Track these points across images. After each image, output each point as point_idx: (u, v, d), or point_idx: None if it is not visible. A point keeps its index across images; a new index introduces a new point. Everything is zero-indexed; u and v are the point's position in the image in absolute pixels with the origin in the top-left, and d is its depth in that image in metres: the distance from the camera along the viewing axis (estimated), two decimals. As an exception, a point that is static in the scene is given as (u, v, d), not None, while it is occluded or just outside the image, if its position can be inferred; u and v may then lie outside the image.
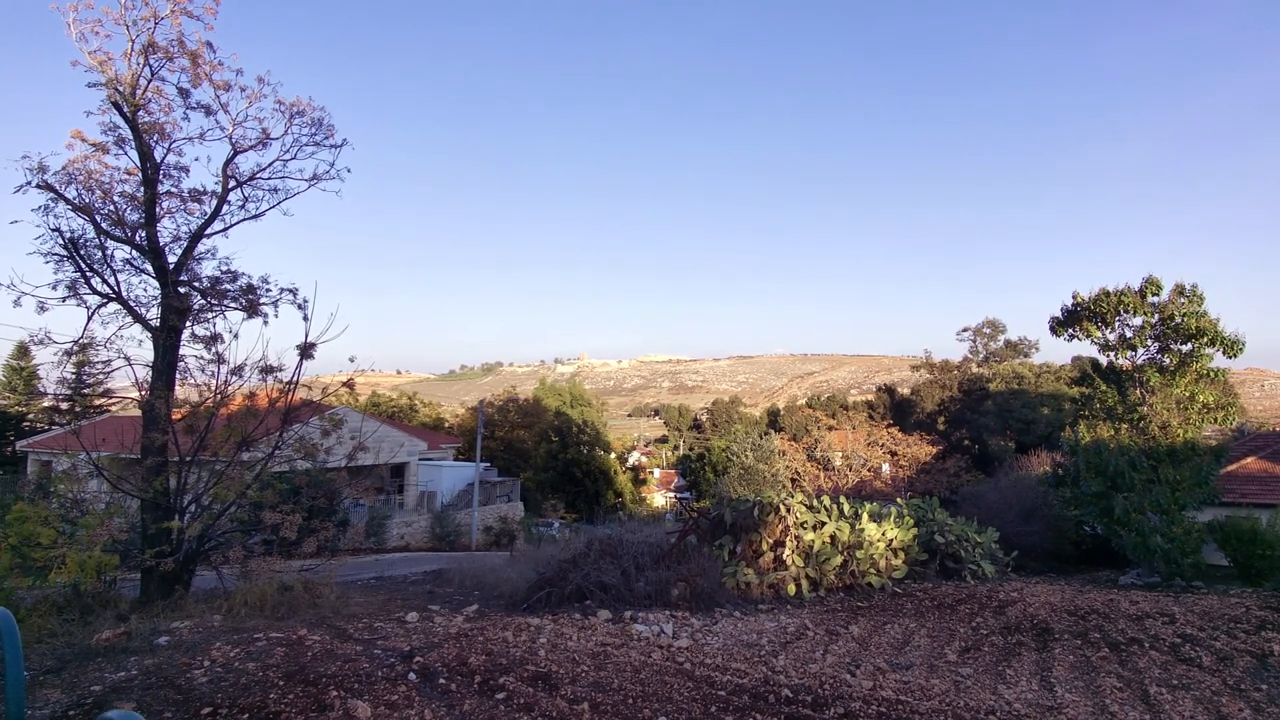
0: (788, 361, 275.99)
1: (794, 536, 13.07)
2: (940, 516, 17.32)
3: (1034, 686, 6.93)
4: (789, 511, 13.20)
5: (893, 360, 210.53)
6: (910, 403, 59.32)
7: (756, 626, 9.70)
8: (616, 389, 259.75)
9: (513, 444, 55.58)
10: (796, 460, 37.28)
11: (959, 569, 16.17)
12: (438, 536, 29.55)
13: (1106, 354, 21.48)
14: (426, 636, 8.37)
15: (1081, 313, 21.55)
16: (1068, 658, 8.19)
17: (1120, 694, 6.67)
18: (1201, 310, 19.84)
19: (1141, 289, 20.55)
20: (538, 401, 58.42)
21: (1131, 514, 18.90)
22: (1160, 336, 20.35)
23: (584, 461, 49.31)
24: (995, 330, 62.92)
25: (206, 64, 11.52)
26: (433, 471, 34.66)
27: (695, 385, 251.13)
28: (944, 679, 7.12)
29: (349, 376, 12.35)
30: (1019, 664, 7.87)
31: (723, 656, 7.88)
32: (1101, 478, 19.97)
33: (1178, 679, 7.22)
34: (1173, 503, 18.60)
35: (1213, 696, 6.61)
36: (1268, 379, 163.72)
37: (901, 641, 8.98)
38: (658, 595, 11.27)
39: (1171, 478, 18.84)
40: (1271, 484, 23.72)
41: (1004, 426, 48.33)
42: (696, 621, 9.86)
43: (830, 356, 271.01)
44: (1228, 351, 19.66)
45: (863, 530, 13.98)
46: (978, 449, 48.18)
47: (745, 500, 13.78)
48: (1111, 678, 7.26)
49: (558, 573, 11.67)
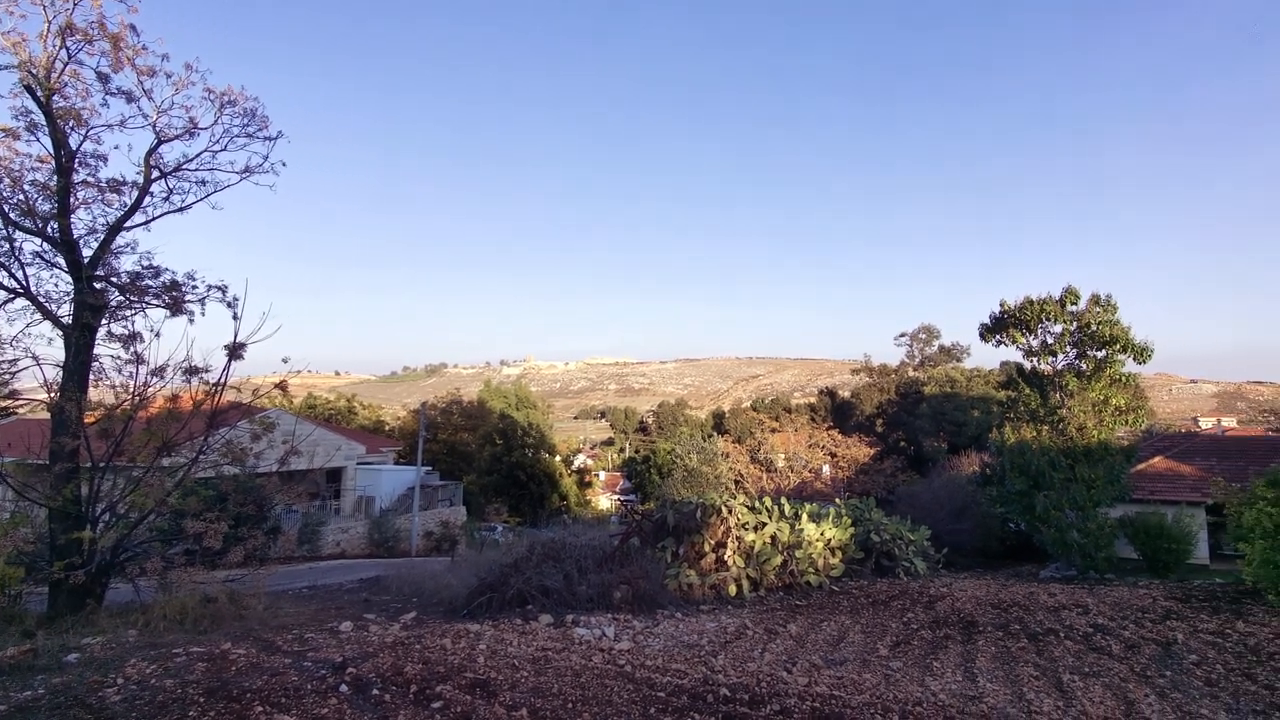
0: (733, 364, 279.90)
1: (736, 537, 13.27)
2: (876, 516, 17.90)
3: (958, 677, 7.23)
4: (731, 513, 13.40)
5: (835, 364, 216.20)
6: (850, 405, 61.05)
7: (697, 627, 9.80)
8: (563, 391, 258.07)
9: (456, 447, 54.52)
10: (740, 462, 37.86)
11: (893, 566, 16.74)
12: (376, 542, 28.71)
13: (1030, 359, 22.62)
14: (361, 646, 8.13)
15: (1008, 320, 22.66)
16: (990, 649, 8.58)
17: (1036, 682, 7.04)
18: (1115, 319, 21.15)
19: (1062, 298, 21.75)
20: (482, 404, 57.49)
21: (1051, 511, 19.96)
22: (1078, 343, 21.58)
23: (529, 464, 48.79)
24: (930, 335, 65.42)
25: (129, 48, 10.91)
26: (372, 476, 33.67)
27: (642, 388, 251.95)
28: (875, 673, 7.36)
29: (282, 378, 11.86)
30: (945, 656, 8.20)
31: (663, 658, 7.93)
32: (1025, 477, 21.02)
33: (1089, 667, 7.66)
34: (1088, 500, 19.72)
35: (1121, 683, 7.04)
36: (1175, 383, 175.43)
37: (837, 638, 9.23)
38: (600, 598, 11.26)
39: (1087, 476, 19.97)
40: (1176, 482, 25.41)
41: (937, 428, 50.28)
42: (638, 623, 9.89)
43: (775, 360, 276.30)
44: (1138, 358, 21.02)
45: (802, 530, 14.32)
46: (913, 450, 49.95)
47: (688, 502, 13.91)
48: (1029, 667, 7.65)
49: (499, 577, 11.52)
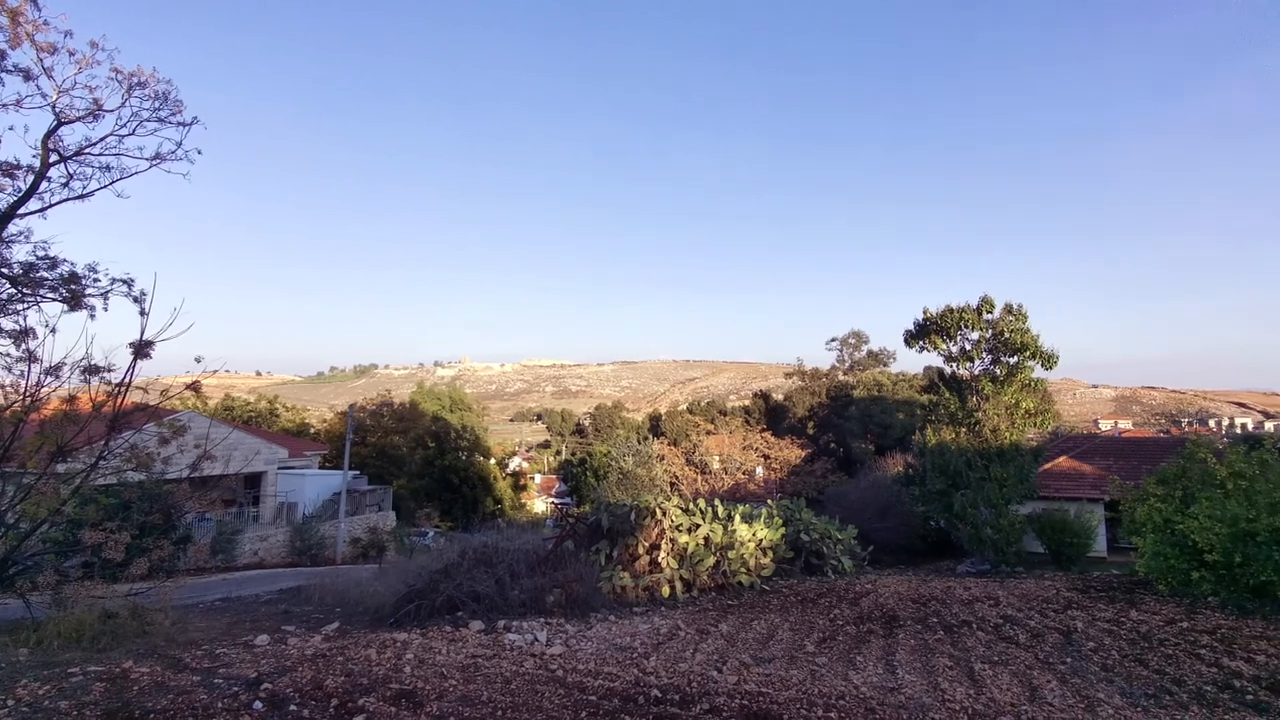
0: (671, 367, 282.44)
1: (669, 539, 13.38)
2: (806, 516, 18.41)
3: (879, 670, 7.51)
4: (665, 515, 13.50)
5: (769, 367, 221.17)
6: (783, 408, 62.61)
7: (630, 629, 9.82)
8: (499, 393, 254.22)
9: (386, 450, 52.84)
10: (676, 464, 38.23)
11: (822, 565, 17.24)
12: (298, 551, 27.47)
13: (950, 365, 23.81)
14: (278, 660, 7.77)
15: (930, 327, 23.79)
16: (910, 642, 8.96)
17: (950, 672, 7.39)
18: (1025, 327, 22.51)
19: (979, 307, 22.99)
20: (414, 406, 55.95)
21: (968, 509, 21.05)
22: (993, 350, 22.86)
23: (462, 468, 47.76)
24: (859, 341, 67.86)
25: (28, 23, 10.09)
26: (294, 481, 32.21)
27: (579, 390, 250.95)
28: (802, 669, 7.56)
29: (195, 378, 11.17)
30: (868, 650, 8.51)
31: (595, 661, 7.91)
32: (944, 477, 22.10)
33: (998, 655, 8.10)
34: (1000, 498, 20.90)
35: (1026, 670, 7.47)
36: (1078, 388, 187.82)
37: (766, 636, 9.43)
38: (533, 603, 11.14)
39: (1000, 476, 21.16)
40: (1079, 480, 27.24)
41: (865, 430, 52.18)
42: (571, 627, 9.83)
43: (711, 363, 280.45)
44: (1045, 364, 22.45)
45: (735, 532, 14.56)
46: (842, 452, 51.65)
47: (623, 505, 13.94)
48: (944, 658, 8.03)
49: (428, 584, 11.22)
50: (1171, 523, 12.50)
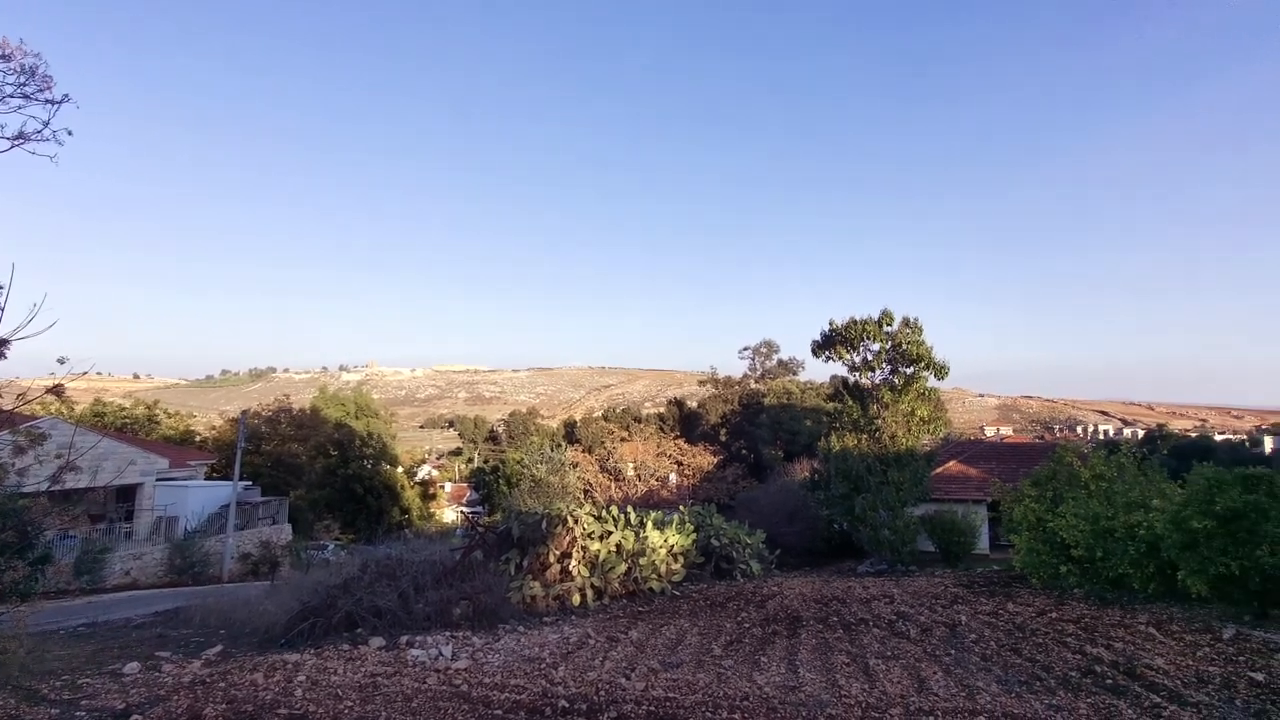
0: (586, 374, 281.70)
1: (581, 547, 13.30)
2: (717, 522, 18.78)
3: (783, 670, 7.75)
4: (577, 523, 13.42)
5: (684, 375, 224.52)
6: (697, 415, 63.74)
7: (540, 640, 9.67)
8: (409, 399, 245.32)
9: (283, 459, 49.75)
10: (589, 471, 38.12)
11: (731, 569, 17.63)
12: (179, 569, 25.32)
13: (853, 374, 24.98)
14: (150, 689, 7.15)
15: (835, 338, 24.89)
16: (811, 641, 9.29)
17: (848, 668, 7.72)
18: (921, 339, 23.96)
19: (879, 320, 24.27)
20: (316, 412, 53.01)
21: (868, 512, 22.12)
22: (892, 360, 24.18)
23: (367, 477, 45.59)
24: (770, 350, 70.08)
25: None
26: (175, 493, 29.71)
27: (493, 396, 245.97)
28: (709, 672, 7.68)
29: (58, 381, 10.12)
30: (772, 651, 8.76)
31: (502, 674, 7.74)
32: (847, 481, 23.14)
33: (891, 651, 8.54)
34: (897, 501, 22.10)
35: (915, 663, 7.90)
36: (967, 397, 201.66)
37: (675, 641, 9.53)
38: (439, 616, 10.78)
39: (897, 480, 22.38)
40: (967, 483, 29.22)
41: (775, 437, 53.89)
42: (478, 640, 9.57)
43: (627, 370, 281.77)
44: (938, 374, 23.96)
45: (647, 538, 14.65)
46: (753, 458, 53.09)
47: (534, 513, 13.75)
48: (843, 655, 8.38)
49: (325, 600, 10.63)
50: (1043, 521, 13.60)
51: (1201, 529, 9.85)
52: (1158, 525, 10.97)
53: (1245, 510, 9.61)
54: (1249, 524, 9.47)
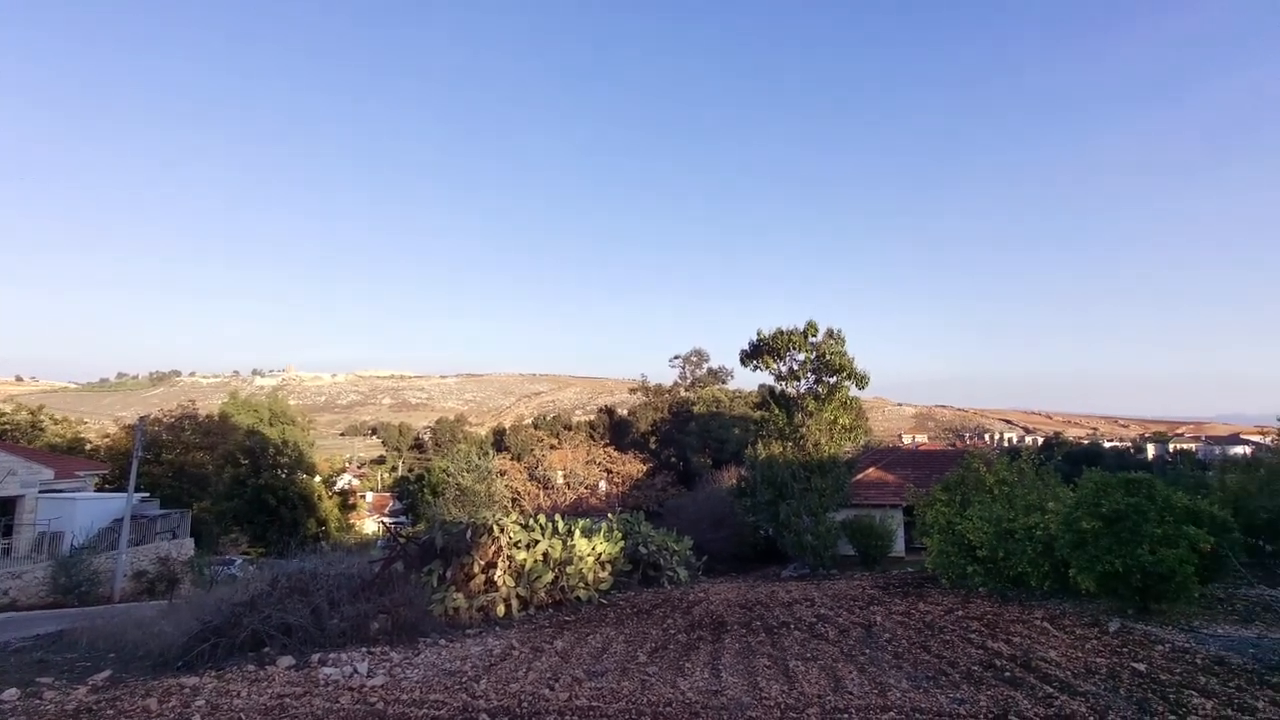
0: (517, 381, 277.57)
1: (507, 557, 13.06)
2: (645, 529, 18.85)
3: (706, 675, 7.83)
4: (503, 532, 13.18)
5: (615, 383, 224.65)
6: (627, 423, 63.91)
7: (462, 652, 9.42)
8: (329, 405, 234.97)
9: (187, 469, 46.66)
10: (518, 480, 37.55)
11: (659, 576, 17.72)
12: (64, 589, 23.25)
13: (780, 383, 25.65)
14: (30, 719, 6.56)
15: (763, 348, 25.52)
16: (735, 645, 9.44)
17: (769, 671, 7.88)
18: (843, 350, 24.86)
19: (805, 330, 25.04)
20: (225, 418, 49.97)
21: (792, 518, 22.71)
22: (816, 370, 24.97)
23: (280, 487, 43.20)
24: (701, 359, 71.15)
25: None
26: (61, 506, 27.30)
27: (420, 403, 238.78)
28: (633, 680, 7.67)
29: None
30: (697, 656, 8.84)
31: (421, 689, 7.49)
32: (772, 488, 23.69)
33: (811, 652, 8.77)
34: (820, 507, 22.78)
35: (833, 663, 8.15)
36: (886, 406, 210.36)
37: (601, 650, 9.47)
38: (355, 631, 10.34)
39: (820, 486, 23.09)
40: (885, 489, 30.45)
41: (704, 445, 54.64)
42: (396, 655, 9.23)
43: (558, 377, 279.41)
44: (859, 384, 24.91)
45: (574, 546, 14.54)
46: (683, 465, 53.65)
47: (458, 523, 13.42)
48: (764, 658, 8.54)
49: (229, 618, 10.02)
50: (953, 524, 14.31)
51: (1089, 529, 10.62)
52: (1052, 526, 11.76)
53: (1128, 512, 10.42)
54: (1131, 524, 10.28)
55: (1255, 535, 14.66)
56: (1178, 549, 9.86)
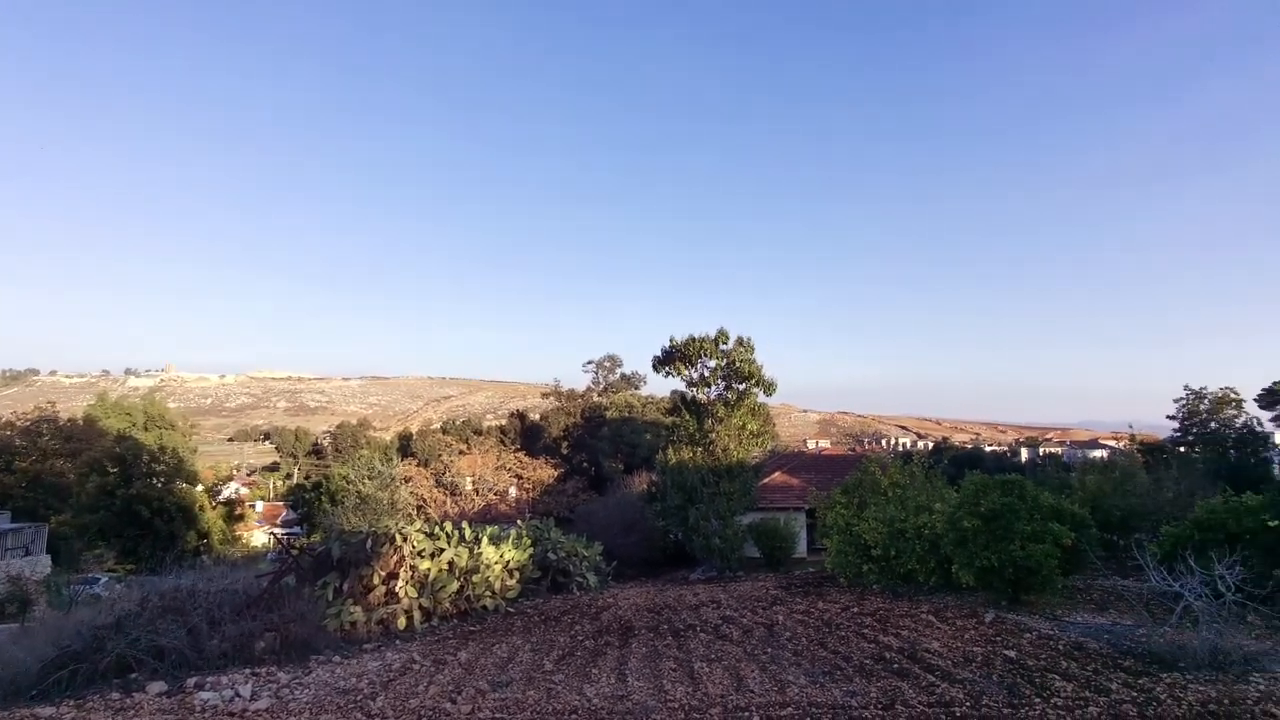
0: (425, 384, 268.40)
1: (410, 567, 12.58)
2: (555, 535, 18.66)
3: (613, 681, 7.83)
4: (406, 541, 12.68)
5: (528, 387, 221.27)
6: (539, 428, 63.16)
7: (358, 669, 8.97)
8: (216, 408, 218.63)
9: (44, 478, 42.07)
10: (424, 486, 36.26)
11: (568, 582, 17.58)
12: (-112, 615, 20.42)
13: (691, 389, 26.11)
14: None
15: (675, 354, 25.91)
16: (642, 650, 9.49)
17: (675, 674, 7.98)
18: (752, 358, 25.63)
19: (716, 338, 25.64)
20: (92, 422, 45.42)
21: (700, 521, 23.14)
22: (726, 377, 25.60)
23: (156, 497, 39.56)
24: (614, 364, 71.39)
25: None
26: (-114, 521, 23.98)
27: (319, 406, 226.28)
28: (539, 689, 7.56)
29: None
30: (603, 662, 8.82)
31: (311, 710, 7.08)
32: (682, 492, 24.06)
33: (716, 653, 8.95)
34: (728, 510, 23.35)
35: (736, 663, 8.35)
36: (792, 412, 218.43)
37: (506, 659, 9.28)
38: (238, 652, 9.64)
39: (728, 490, 23.67)
40: (789, 492, 31.58)
41: (616, 450, 54.81)
42: (285, 675, 8.67)
43: (469, 381, 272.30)
44: (767, 391, 25.75)
45: (481, 554, 14.19)
46: (594, 471, 53.56)
47: (358, 532, 12.80)
48: (671, 661, 8.64)
49: (91, 642, 9.10)
50: (851, 526, 15.05)
51: (970, 528, 11.45)
52: (938, 525, 12.58)
53: (1003, 511, 11.32)
54: (1005, 523, 11.16)
55: (1110, 531, 16.25)
56: (1044, 544, 10.79)
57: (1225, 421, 39.40)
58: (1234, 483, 21.51)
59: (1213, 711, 5.66)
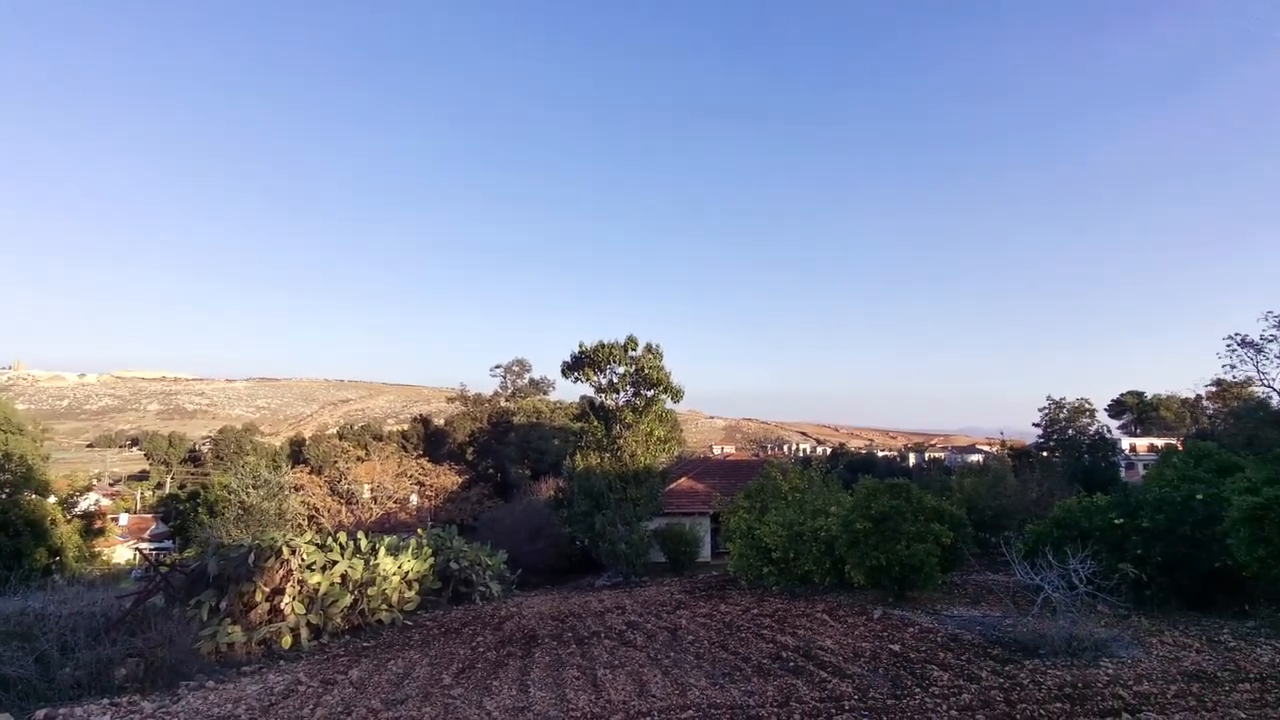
0: (321, 387, 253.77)
1: (298, 581, 11.84)
2: (458, 544, 18.10)
3: (514, 692, 7.67)
4: (294, 554, 11.93)
5: (432, 391, 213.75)
6: (444, 434, 61.17)
7: (235, 694, 8.32)
8: (73, 411, 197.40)
9: None
10: (317, 495, 34.18)
11: (471, 592, 17.09)
12: None
13: (600, 395, 26.15)
14: None
15: (584, 360, 25.87)
16: (545, 659, 9.37)
17: (578, 682, 7.92)
18: (661, 364, 25.99)
19: (625, 345, 25.81)
20: (-82, 426, 39.78)
21: (607, 527, 23.15)
22: (635, 383, 25.82)
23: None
24: (522, 368, 70.25)
25: None
26: None
27: (198, 409, 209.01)
28: (436, 705, 7.30)
29: None
30: (505, 673, 8.63)
31: (179, 741, 6.50)
32: (589, 499, 24.00)
33: (619, 659, 8.96)
34: (634, 516, 23.50)
35: (639, 668, 8.39)
36: (699, 418, 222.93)
37: (402, 675, 8.90)
38: (95, 680, 8.74)
39: (635, 496, 23.83)
40: (695, 497, 32.14)
41: (523, 456, 53.89)
42: (149, 705, 7.92)
43: (369, 384, 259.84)
44: (675, 397, 26.17)
45: (378, 565, 13.57)
46: (500, 477, 52.42)
47: (239, 546, 11.91)
48: (574, 669, 8.57)
49: (-91, 678, 7.96)
50: (753, 529, 15.51)
51: (862, 530, 12.08)
52: (833, 528, 13.20)
53: (891, 513, 12.02)
54: (893, 524, 11.86)
55: (984, 529, 17.62)
56: (926, 544, 11.56)
57: (1081, 429, 43.82)
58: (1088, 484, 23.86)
59: (1068, 694, 6.23)
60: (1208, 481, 11.83)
